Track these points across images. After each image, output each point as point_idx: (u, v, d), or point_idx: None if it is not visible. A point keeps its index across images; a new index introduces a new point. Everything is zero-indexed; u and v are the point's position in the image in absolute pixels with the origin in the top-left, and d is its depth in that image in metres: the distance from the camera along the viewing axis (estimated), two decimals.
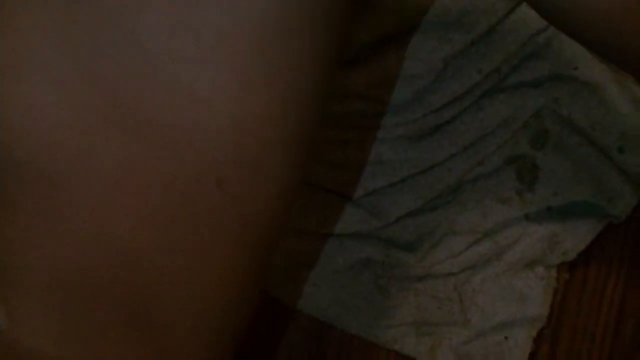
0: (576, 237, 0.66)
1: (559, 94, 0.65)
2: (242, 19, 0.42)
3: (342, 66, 0.66)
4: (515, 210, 0.66)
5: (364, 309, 0.66)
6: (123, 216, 0.45)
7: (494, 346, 0.65)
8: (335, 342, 0.67)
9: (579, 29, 0.46)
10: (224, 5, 0.42)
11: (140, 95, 0.43)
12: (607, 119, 0.64)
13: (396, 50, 0.66)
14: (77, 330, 0.47)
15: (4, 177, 0.46)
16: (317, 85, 0.47)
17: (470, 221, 0.67)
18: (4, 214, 0.46)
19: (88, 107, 0.44)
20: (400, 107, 0.66)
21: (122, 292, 0.47)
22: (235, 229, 0.47)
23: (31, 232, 0.46)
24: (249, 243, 0.49)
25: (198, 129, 0.44)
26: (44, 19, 0.43)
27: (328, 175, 0.67)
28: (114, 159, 0.44)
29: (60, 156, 0.44)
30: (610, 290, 0.66)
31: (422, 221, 0.67)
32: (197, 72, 0.43)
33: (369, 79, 0.66)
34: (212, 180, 0.45)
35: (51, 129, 0.44)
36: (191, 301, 0.48)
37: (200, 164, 0.45)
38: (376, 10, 0.67)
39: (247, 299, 0.51)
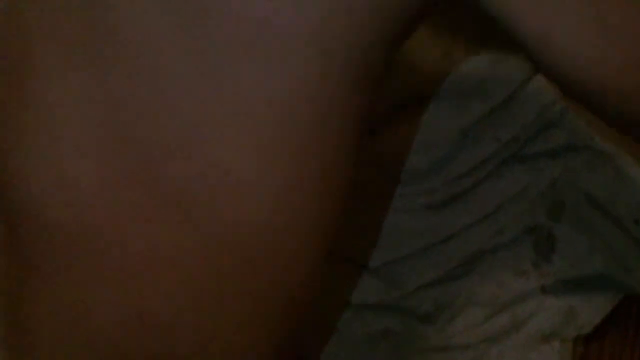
0: (592, 310, 0.66)
1: (575, 164, 0.66)
2: (274, 94, 0.42)
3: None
4: (532, 282, 0.66)
5: None
6: (151, 284, 0.45)
7: None
8: None
9: (593, 101, 0.46)
10: (257, 83, 0.41)
11: (170, 166, 0.42)
12: (623, 191, 0.65)
13: (412, 118, 0.66)
14: None
15: (33, 242, 0.45)
16: (347, 156, 0.47)
17: (488, 293, 0.66)
18: (31, 279, 0.46)
19: (118, 175, 0.43)
20: (418, 175, 0.66)
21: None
22: (262, 295, 0.47)
23: (57, 298, 0.45)
24: (277, 308, 0.48)
25: (227, 201, 0.43)
26: (78, 89, 0.43)
27: (345, 244, 0.65)
28: (142, 228, 0.44)
29: (89, 223, 0.44)
30: None
31: (440, 292, 0.65)
32: (228, 145, 0.42)
33: (385, 147, 0.66)
34: (239, 249, 0.44)
35: (81, 196, 0.43)
36: None
37: (226, 235, 0.44)
38: (392, 78, 0.66)
39: None
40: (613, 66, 0.42)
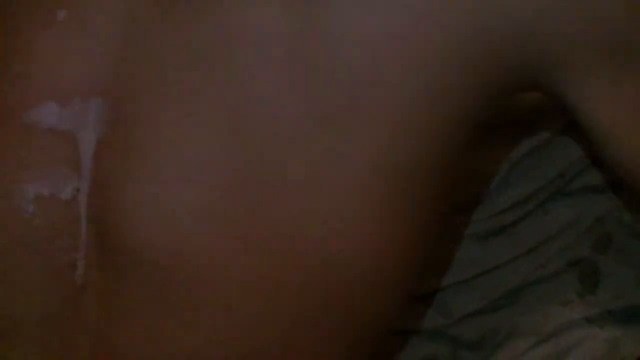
0: (636, 342, 0.66)
1: (620, 199, 0.66)
2: (376, 165, 0.44)
3: None
4: (577, 313, 0.67)
5: None
6: (247, 316, 0.46)
7: None
8: None
9: None
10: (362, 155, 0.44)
11: (273, 217, 0.44)
12: None
13: None
14: None
15: (130, 278, 0.46)
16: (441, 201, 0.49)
17: (532, 323, 0.67)
18: (125, 318, 0.47)
19: (221, 219, 0.45)
20: (465, 206, 0.67)
21: None
22: (348, 331, 0.49)
23: (151, 336, 0.47)
24: (356, 342, 0.51)
25: (334, 239, 0.45)
26: (197, 119, 0.45)
27: None
28: (239, 271, 0.45)
29: (188, 263, 0.45)
30: None
31: (485, 321, 0.67)
32: (332, 202, 0.44)
33: None
34: (337, 284, 0.46)
35: (182, 235, 0.45)
36: None
37: (328, 272, 0.46)
38: None
39: None
40: None
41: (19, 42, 0.47)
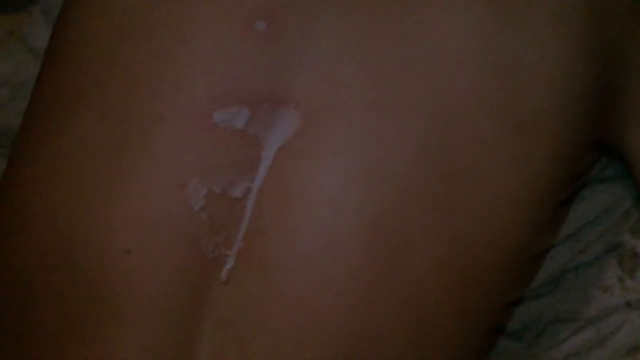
0: None
1: None
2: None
3: None
4: (617, 297, 0.67)
5: None
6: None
7: None
8: None
9: None
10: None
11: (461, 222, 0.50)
12: None
13: None
14: None
15: (270, 280, 0.49)
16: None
17: (572, 309, 0.68)
18: (253, 314, 0.49)
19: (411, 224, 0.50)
20: None
21: None
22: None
23: (278, 329, 0.49)
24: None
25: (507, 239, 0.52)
26: None
27: None
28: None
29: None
30: None
31: (526, 309, 0.67)
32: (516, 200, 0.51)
33: None
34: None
35: (342, 254, 0.50)
36: None
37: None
38: None
39: None
40: None
41: (212, 44, 0.49)
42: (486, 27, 0.49)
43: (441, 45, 0.48)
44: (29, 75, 0.69)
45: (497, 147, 0.49)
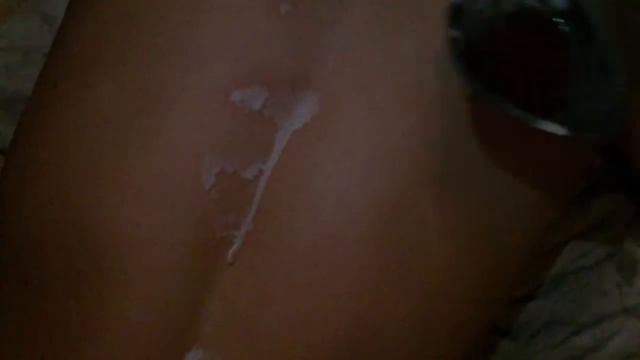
0: None
1: None
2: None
3: None
4: (614, 303, 0.68)
5: None
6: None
7: None
8: None
9: None
10: None
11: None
12: None
13: None
14: None
15: (277, 262, 0.49)
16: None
17: (570, 312, 0.68)
18: (260, 294, 0.49)
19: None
20: None
21: None
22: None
23: (285, 313, 0.49)
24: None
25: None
26: None
27: None
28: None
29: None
30: None
31: (523, 309, 0.67)
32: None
33: None
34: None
35: (350, 240, 0.50)
36: None
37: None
38: None
39: None
40: None
41: (237, 23, 0.49)
42: None
43: None
44: (40, 41, 0.68)
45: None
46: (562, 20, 0.44)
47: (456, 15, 0.44)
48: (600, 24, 0.43)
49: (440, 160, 0.47)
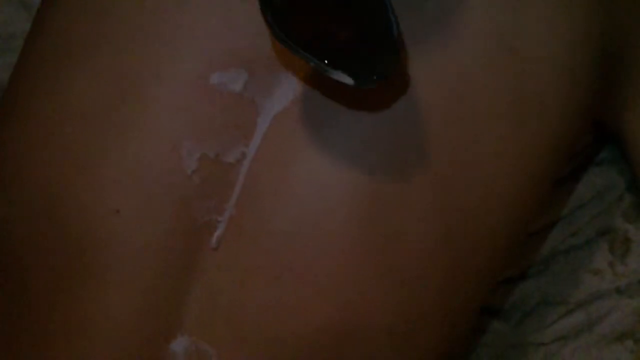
0: None
1: None
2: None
3: None
4: (607, 282, 0.67)
5: None
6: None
7: None
8: None
9: None
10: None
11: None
12: None
13: None
14: None
15: (260, 246, 0.48)
16: None
17: (562, 292, 0.67)
18: (243, 281, 0.49)
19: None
20: None
21: None
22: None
23: (267, 301, 0.49)
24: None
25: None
26: None
27: None
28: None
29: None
30: None
31: (514, 289, 0.67)
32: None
33: None
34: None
35: (335, 223, 0.49)
36: None
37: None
38: None
39: None
40: None
41: (213, 4, 0.48)
42: (495, 6, 0.47)
43: (457, 22, 0.47)
44: (18, 28, 0.67)
45: (499, 122, 0.48)
46: None
47: None
48: None
49: (425, 145, 0.47)
